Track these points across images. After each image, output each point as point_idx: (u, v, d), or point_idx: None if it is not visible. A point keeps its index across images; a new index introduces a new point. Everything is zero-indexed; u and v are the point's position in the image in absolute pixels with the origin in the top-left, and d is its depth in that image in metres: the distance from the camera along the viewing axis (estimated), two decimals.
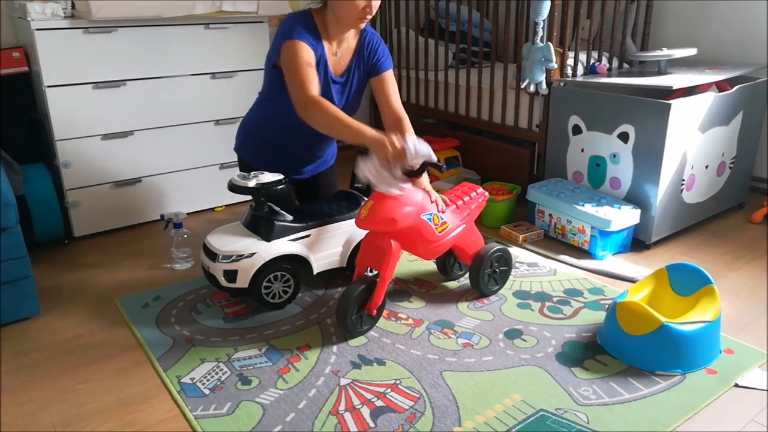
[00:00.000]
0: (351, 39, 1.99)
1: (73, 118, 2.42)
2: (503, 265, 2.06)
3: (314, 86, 1.78)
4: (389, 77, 2.03)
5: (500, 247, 2.02)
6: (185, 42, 2.59)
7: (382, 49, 2.02)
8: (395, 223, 1.71)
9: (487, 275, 2.01)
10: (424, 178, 1.91)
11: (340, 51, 1.97)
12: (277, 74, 1.91)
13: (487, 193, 2.05)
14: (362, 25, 1.91)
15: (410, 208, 1.74)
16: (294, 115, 1.92)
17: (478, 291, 2.03)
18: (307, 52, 1.82)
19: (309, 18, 1.91)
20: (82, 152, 2.47)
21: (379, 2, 1.86)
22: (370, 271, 1.97)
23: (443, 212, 1.89)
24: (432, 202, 1.87)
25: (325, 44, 1.92)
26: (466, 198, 1.98)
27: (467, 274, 2.14)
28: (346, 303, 1.75)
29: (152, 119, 2.60)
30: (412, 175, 1.74)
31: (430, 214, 1.81)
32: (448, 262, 2.14)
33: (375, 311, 1.81)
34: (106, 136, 2.52)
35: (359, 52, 2.01)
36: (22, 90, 2.52)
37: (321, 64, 1.91)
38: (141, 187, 2.65)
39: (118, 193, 2.60)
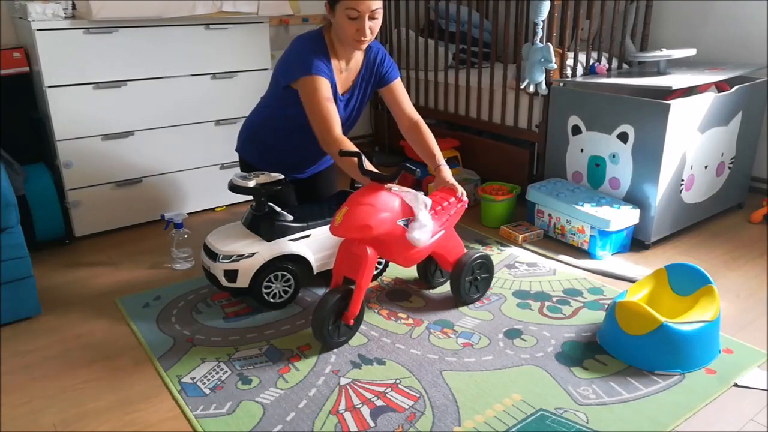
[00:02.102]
0: (358, 55, 2.00)
1: (73, 119, 2.42)
2: (484, 273, 2.02)
3: (337, 124, 1.82)
4: (398, 86, 2.08)
5: (481, 254, 1.99)
6: (186, 42, 2.59)
7: (388, 61, 2.06)
8: (370, 230, 1.66)
9: (467, 283, 1.98)
10: (446, 172, 1.94)
11: (348, 68, 2.00)
12: (287, 93, 1.92)
13: (466, 199, 1.96)
14: (361, 47, 1.89)
15: (386, 214, 1.69)
16: (297, 125, 1.96)
17: (459, 299, 1.98)
18: (326, 87, 1.84)
19: (320, 39, 1.92)
20: (83, 152, 2.47)
21: (378, 24, 1.85)
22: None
23: (462, 205, 1.92)
24: (457, 196, 1.91)
25: (334, 63, 1.94)
26: (445, 203, 1.90)
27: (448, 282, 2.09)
28: (321, 314, 1.69)
29: (153, 119, 2.61)
30: (384, 180, 1.71)
31: (407, 220, 1.75)
32: (429, 269, 2.10)
33: (352, 321, 1.76)
34: (107, 137, 2.52)
35: (366, 68, 2.03)
36: (22, 90, 2.52)
37: (331, 86, 1.92)
38: (142, 188, 2.65)
39: (118, 193, 2.61)
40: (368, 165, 1.75)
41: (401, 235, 1.75)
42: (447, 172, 1.96)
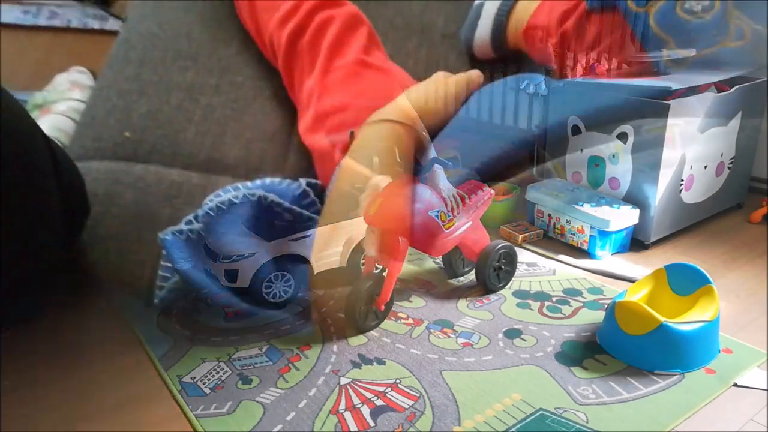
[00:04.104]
0: None
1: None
2: (508, 263, 2.07)
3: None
4: None
5: (506, 243, 2.04)
6: None
7: None
8: (404, 220, 1.73)
9: (493, 271, 2.03)
10: (441, 178, 1.91)
11: None
12: None
13: (493, 191, 2.05)
14: None
15: (419, 206, 1.77)
16: None
17: (483, 286, 2.04)
18: None
19: None
20: None
21: None
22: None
23: (458, 213, 1.91)
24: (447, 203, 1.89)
25: None
26: (472, 196, 1.99)
27: (472, 272, 2.15)
28: (354, 298, 1.76)
29: None
30: (419, 172, 1.77)
31: (438, 211, 1.82)
32: (454, 259, 2.15)
33: (383, 307, 1.83)
34: None
35: None
36: None
37: None
38: None
39: None
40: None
41: (433, 226, 1.81)
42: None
